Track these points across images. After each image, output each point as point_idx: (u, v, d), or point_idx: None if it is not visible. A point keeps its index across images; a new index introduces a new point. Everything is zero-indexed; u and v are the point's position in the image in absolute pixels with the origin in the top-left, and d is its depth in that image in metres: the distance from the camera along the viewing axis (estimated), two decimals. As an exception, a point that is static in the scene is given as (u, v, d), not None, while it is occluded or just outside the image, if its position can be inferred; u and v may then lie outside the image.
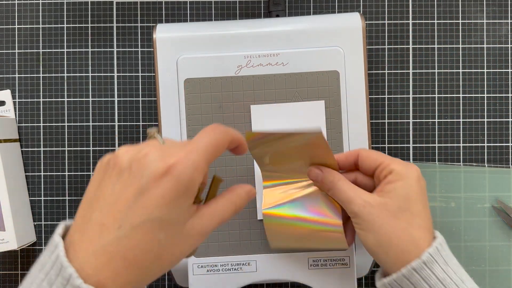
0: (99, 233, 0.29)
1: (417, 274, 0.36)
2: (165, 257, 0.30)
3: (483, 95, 0.53)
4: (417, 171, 0.40)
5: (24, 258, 0.54)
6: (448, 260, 0.37)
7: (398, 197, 0.38)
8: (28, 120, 0.54)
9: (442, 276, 0.36)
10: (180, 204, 0.30)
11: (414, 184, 0.39)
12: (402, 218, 0.38)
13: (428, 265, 0.36)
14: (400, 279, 0.37)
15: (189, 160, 0.30)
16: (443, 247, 0.38)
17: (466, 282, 0.37)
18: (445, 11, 0.53)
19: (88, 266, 0.29)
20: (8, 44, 0.54)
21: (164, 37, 0.47)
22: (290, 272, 0.47)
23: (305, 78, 0.47)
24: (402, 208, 0.38)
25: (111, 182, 0.31)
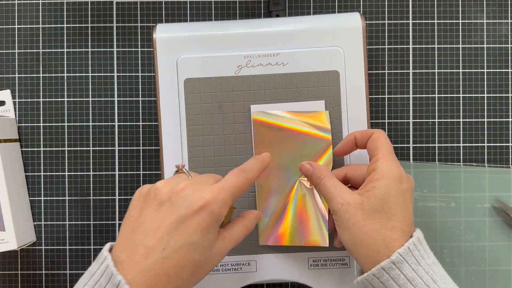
0: (146, 254, 0.35)
1: (386, 274, 0.37)
2: (197, 273, 0.37)
3: (483, 95, 0.53)
4: (400, 171, 0.40)
5: (24, 258, 0.54)
6: (421, 260, 0.37)
7: (375, 197, 0.39)
8: (28, 120, 0.54)
9: (411, 276, 0.37)
10: (211, 231, 0.37)
11: (393, 184, 0.39)
12: (375, 219, 0.39)
13: (397, 265, 0.37)
14: (371, 278, 0.38)
15: (220, 198, 0.37)
16: (417, 247, 0.38)
17: (439, 282, 0.37)
18: (445, 11, 0.53)
19: (136, 282, 0.34)
20: (8, 44, 0.54)
21: (164, 37, 0.47)
22: (290, 272, 0.47)
23: (305, 78, 0.47)
24: (376, 209, 0.39)
25: (152, 211, 0.37)
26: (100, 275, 0.35)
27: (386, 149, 0.41)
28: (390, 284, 0.37)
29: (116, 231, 0.54)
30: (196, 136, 0.47)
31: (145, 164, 0.54)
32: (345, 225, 0.40)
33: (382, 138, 0.42)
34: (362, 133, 0.43)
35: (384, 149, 0.41)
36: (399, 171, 0.40)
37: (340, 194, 0.40)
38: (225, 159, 0.46)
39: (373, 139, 0.42)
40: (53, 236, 0.54)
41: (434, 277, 0.37)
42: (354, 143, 0.44)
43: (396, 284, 0.37)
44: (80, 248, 0.54)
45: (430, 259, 0.38)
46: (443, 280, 0.37)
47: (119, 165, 0.54)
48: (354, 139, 0.44)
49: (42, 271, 0.54)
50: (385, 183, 0.39)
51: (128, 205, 0.54)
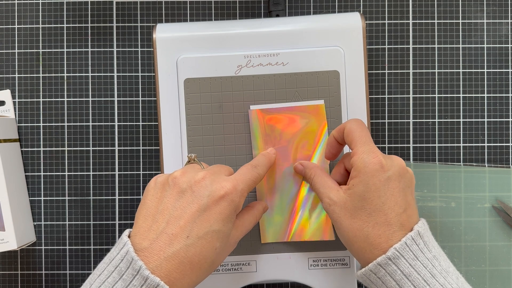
0: (169, 242, 0.35)
1: (382, 269, 0.37)
2: (216, 262, 0.38)
3: (483, 95, 0.53)
4: (376, 162, 0.38)
5: (24, 258, 0.54)
6: (419, 255, 0.37)
7: (354, 195, 0.39)
8: (28, 120, 0.54)
9: (408, 271, 0.36)
10: (230, 220, 0.38)
11: (370, 179, 0.38)
12: (357, 217, 0.38)
13: (394, 261, 0.36)
14: (368, 273, 0.38)
15: (239, 188, 0.38)
16: (415, 241, 0.37)
17: (438, 277, 0.36)
18: (445, 11, 0.53)
19: (160, 269, 0.35)
20: (8, 44, 0.54)
21: (164, 37, 0.47)
22: (290, 272, 0.47)
23: (305, 78, 0.47)
24: (357, 207, 0.38)
25: (172, 199, 0.37)
26: (120, 260, 0.35)
27: (360, 141, 0.40)
28: (387, 280, 0.37)
29: (116, 231, 0.54)
30: (196, 136, 0.47)
31: (145, 164, 0.54)
32: (335, 225, 0.40)
33: (354, 129, 0.40)
34: (337, 130, 0.43)
35: (358, 140, 0.40)
36: (376, 161, 0.38)
37: (328, 193, 0.41)
38: (225, 159, 0.46)
39: (346, 133, 0.41)
40: (53, 236, 0.54)
41: (433, 271, 0.36)
42: (337, 143, 0.43)
43: (392, 279, 0.37)
44: (80, 248, 0.54)
45: (431, 253, 0.37)
46: (443, 274, 0.37)
47: (119, 165, 0.54)
48: (333, 139, 0.43)
49: (42, 271, 0.54)
50: (361, 180, 0.38)
51: (127, 205, 0.54)
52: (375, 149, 0.39)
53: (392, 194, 0.38)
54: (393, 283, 0.37)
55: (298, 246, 0.46)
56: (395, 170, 0.39)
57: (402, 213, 0.38)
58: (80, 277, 0.54)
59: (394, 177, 0.38)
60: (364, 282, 0.39)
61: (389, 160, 0.39)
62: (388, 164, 0.38)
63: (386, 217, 0.38)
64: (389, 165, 0.38)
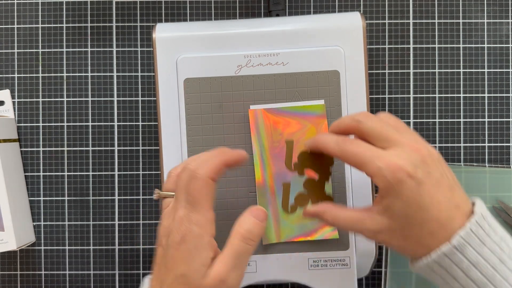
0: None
1: (447, 259, 0.34)
2: None
3: (483, 95, 0.53)
4: (401, 173, 0.34)
5: (24, 258, 0.54)
6: (486, 240, 0.34)
7: (395, 216, 0.35)
8: (27, 120, 0.54)
9: (475, 259, 0.34)
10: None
11: (403, 195, 0.34)
12: (410, 235, 0.36)
13: (460, 249, 0.34)
14: (431, 263, 0.35)
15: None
16: (480, 225, 0.34)
17: (508, 262, 0.34)
18: (445, 11, 0.53)
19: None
20: (8, 44, 0.54)
21: (163, 36, 0.47)
22: (290, 272, 0.46)
23: (305, 78, 0.46)
24: (404, 226, 0.35)
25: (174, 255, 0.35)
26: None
27: (368, 156, 0.35)
28: (452, 269, 0.34)
29: (116, 231, 0.54)
30: (196, 136, 0.47)
31: (145, 164, 0.54)
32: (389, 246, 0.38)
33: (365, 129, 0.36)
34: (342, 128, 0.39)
35: (367, 157, 0.35)
36: (399, 173, 0.34)
37: (365, 227, 0.36)
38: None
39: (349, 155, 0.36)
40: (52, 236, 0.54)
41: (502, 256, 0.34)
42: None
43: (459, 268, 0.34)
44: (80, 249, 0.54)
45: (498, 235, 0.35)
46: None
47: (119, 165, 0.54)
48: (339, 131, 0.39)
49: (42, 271, 0.54)
50: (394, 198, 0.35)
51: (127, 205, 0.54)
52: (389, 156, 0.35)
53: (431, 196, 0.35)
54: (460, 272, 0.34)
55: (298, 246, 0.46)
56: (421, 168, 0.35)
57: (450, 204, 0.35)
58: (80, 277, 0.54)
59: (424, 177, 0.35)
60: (424, 273, 0.37)
61: (409, 158, 0.35)
62: (412, 166, 0.34)
63: (438, 222, 0.35)
64: (413, 166, 0.34)
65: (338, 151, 0.37)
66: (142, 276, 0.54)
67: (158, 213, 0.54)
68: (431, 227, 0.35)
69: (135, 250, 0.54)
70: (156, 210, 0.53)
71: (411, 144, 0.35)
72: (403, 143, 0.35)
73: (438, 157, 0.36)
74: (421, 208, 0.34)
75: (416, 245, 0.36)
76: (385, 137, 0.36)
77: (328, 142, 0.38)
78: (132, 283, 0.54)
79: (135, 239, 0.54)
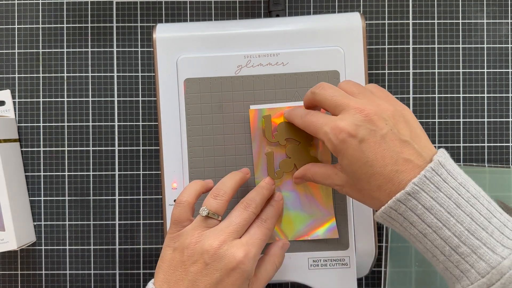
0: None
1: (403, 205, 0.36)
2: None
3: (483, 95, 0.53)
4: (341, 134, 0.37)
5: (24, 258, 0.54)
6: (442, 185, 0.35)
7: (347, 172, 0.38)
8: (28, 120, 0.54)
9: (429, 204, 0.35)
10: (244, 286, 0.39)
11: (346, 153, 0.37)
12: (362, 189, 0.38)
13: (413, 195, 0.35)
14: (388, 210, 0.37)
15: (251, 256, 0.39)
16: (437, 172, 0.35)
17: (464, 206, 0.35)
18: (445, 11, 0.53)
19: None
20: (8, 44, 0.54)
21: (164, 37, 0.47)
22: (290, 272, 0.47)
23: (305, 78, 0.47)
24: (356, 181, 0.38)
25: (186, 268, 0.39)
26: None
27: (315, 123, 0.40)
28: (408, 215, 0.36)
29: (116, 231, 0.54)
30: (196, 136, 0.47)
31: (145, 164, 0.54)
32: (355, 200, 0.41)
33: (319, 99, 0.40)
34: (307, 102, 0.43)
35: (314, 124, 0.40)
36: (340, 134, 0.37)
37: (333, 181, 0.40)
38: (225, 159, 0.46)
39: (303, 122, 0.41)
40: (53, 236, 0.54)
41: (459, 201, 0.35)
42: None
43: (414, 214, 0.35)
44: (80, 248, 0.54)
45: (457, 180, 0.36)
46: (472, 201, 0.35)
47: (119, 165, 0.54)
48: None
49: (42, 271, 0.54)
50: (342, 158, 0.38)
51: (127, 205, 0.54)
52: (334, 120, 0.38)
53: (374, 152, 0.36)
54: (415, 217, 0.36)
55: (298, 246, 0.46)
56: (363, 126, 0.37)
57: (398, 158, 0.36)
58: (80, 277, 0.54)
59: (365, 135, 0.37)
60: (384, 221, 0.38)
61: (351, 119, 0.37)
62: (353, 126, 0.37)
63: (383, 176, 0.36)
64: (355, 126, 0.37)
65: (301, 122, 0.41)
66: (142, 276, 0.54)
67: (158, 213, 0.54)
68: (377, 181, 0.36)
69: (135, 250, 0.54)
70: (156, 210, 0.54)
71: (356, 105, 0.37)
72: (350, 106, 0.38)
73: (392, 113, 0.38)
74: (365, 164, 0.36)
75: (369, 198, 0.38)
76: (335, 103, 0.39)
77: (295, 116, 0.43)
78: (132, 282, 0.54)
79: (135, 239, 0.54)
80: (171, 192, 0.47)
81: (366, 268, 0.48)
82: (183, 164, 0.47)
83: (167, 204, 0.47)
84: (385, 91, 0.41)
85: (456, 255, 0.35)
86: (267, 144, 0.46)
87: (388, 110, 0.38)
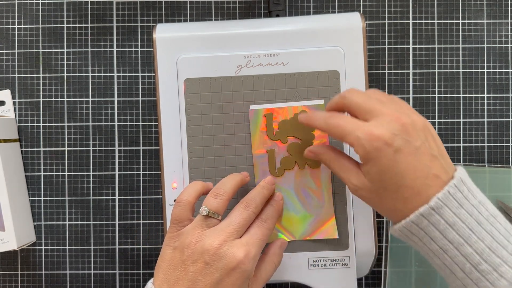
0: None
1: (425, 220, 0.35)
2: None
3: (483, 95, 0.53)
4: (378, 142, 0.35)
5: (24, 258, 0.54)
6: (464, 202, 0.35)
7: (373, 180, 0.37)
8: (28, 120, 0.54)
9: (452, 220, 0.35)
10: (243, 286, 0.39)
11: (379, 162, 0.36)
12: (386, 198, 0.37)
13: (437, 210, 0.35)
14: (409, 225, 0.36)
15: (251, 256, 0.39)
16: (459, 188, 0.35)
17: (484, 224, 0.35)
18: (445, 11, 0.53)
19: None
20: (8, 44, 0.54)
21: (164, 37, 0.47)
22: (290, 272, 0.47)
23: (305, 78, 0.47)
24: (381, 189, 0.37)
25: (186, 268, 0.39)
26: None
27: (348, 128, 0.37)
28: (430, 230, 0.36)
29: (116, 231, 0.54)
30: (196, 136, 0.47)
31: (145, 164, 0.54)
32: (367, 203, 0.40)
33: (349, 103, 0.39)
34: (333, 106, 0.41)
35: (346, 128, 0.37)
36: (376, 142, 0.36)
37: (349, 178, 0.39)
38: (225, 159, 0.46)
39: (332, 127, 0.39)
40: (53, 236, 0.54)
41: (479, 218, 0.35)
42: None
43: (436, 229, 0.35)
44: (80, 248, 0.54)
45: (477, 199, 0.36)
46: (491, 220, 0.35)
47: (119, 165, 0.54)
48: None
49: (42, 271, 0.54)
50: (372, 165, 0.36)
51: (127, 205, 0.54)
52: (368, 126, 0.36)
53: (407, 164, 0.36)
54: (437, 233, 0.35)
55: (298, 246, 0.46)
56: (400, 136, 0.36)
57: (428, 172, 0.36)
58: (80, 277, 0.54)
59: (401, 145, 0.36)
60: (402, 236, 0.38)
61: (387, 126, 0.36)
62: (389, 135, 0.36)
63: (412, 189, 0.36)
64: (391, 135, 0.36)
65: (324, 125, 0.39)
66: (142, 276, 0.54)
67: (158, 213, 0.54)
68: (405, 193, 0.36)
69: (135, 250, 0.54)
70: (156, 210, 0.54)
71: (391, 113, 0.37)
72: (384, 113, 0.37)
73: (423, 126, 0.37)
74: (396, 175, 0.36)
75: (389, 209, 0.38)
76: (367, 109, 0.38)
77: (317, 119, 0.40)
78: (132, 282, 0.54)
79: (135, 239, 0.54)
80: (171, 192, 0.47)
81: (366, 268, 0.48)
82: (183, 164, 0.47)
83: (167, 204, 0.47)
84: (407, 104, 0.40)
85: (476, 273, 0.35)
86: (269, 142, 0.46)
87: (419, 122, 0.37)
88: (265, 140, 0.46)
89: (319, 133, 0.46)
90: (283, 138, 0.46)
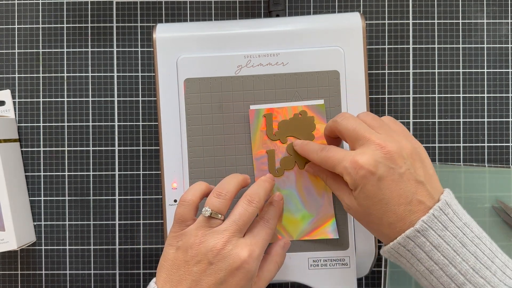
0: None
1: (412, 242, 0.37)
2: None
3: (483, 95, 0.53)
4: (362, 171, 0.37)
5: (24, 258, 0.54)
6: (449, 225, 0.37)
7: (361, 205, 0.39)
8: (28, 120, 0.54)
9: (437, 242, 0.36)
10: (247, 286, 0.39)
11: (364, 189, 0.38)
12: (372, 222, 0.39)
13: (422, 233, 0.37)
14: (397, 246, 0.38)
15: (255, 256, 0.39)
16: (444, 211, 0.37)
17: (468, 245, 0.36)
18: (445, 11, 0.53)
19: None
20: (8, 44, 0.54)
21: (164, 37, 0.47)
22: (290, 272, 0.47)
23: (305, 78, 0.47)
24: (367, 214, 0.39)
25: (190, 268, 0.39)
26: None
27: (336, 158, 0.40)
28: (416, 251, 0.37)
29: (116, 231, 0.54)
30: (196, 136, 0.47)
31: (145, 164, 0.54)
32: (359, 221, 0.41)
33: (340, 129, 0.40)
34: (328, 131, 0.43)
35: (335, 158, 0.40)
36: (361, 171, 0.37)
37: (342, 197, 0.41)
38: (225, 159, 0.46)
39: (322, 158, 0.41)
40: (53, 236, 0.54)
41: (464, 240, 0.36)
42: (334, 140, 0.44)
43: (422, 251, 0.37)
44: (80, 248, 0.54)
45: (462, 221, 0.37)
46: (475, 241, 0.37)
47: (119, 165, 0.54)
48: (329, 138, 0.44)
49: (42, 271, 0.54)
50: (359, 192, 0.38)
51: (127, 205, 0.54)
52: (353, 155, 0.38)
53: (391, 191, 0.37)
54: (423, 254, 0.37)
55: (298, 246, 0.46)
56: (383, 163, 0.37)
57: (412, 198, 0.37)
58: (80, 277, 0.54)
59: (384, 172, 0.37)
60: (390, 256, 0.39)
61: (372, 155, 0.37)
62: (373, 163, 0.37)
63: (396, 215, 0.37)
64: (375, 163, 0.37)
65: (317, 158, 0.42)
66: (142, 276, 0.54)
67: (158, 213, 0.54)
68: (390, 218, 0.38)
69: (135, 250, 0.54)
70: (156, 210, 0.54)
71: (377, 141, 0.38)
72: (371, 141, 0.38)
73: (410, 152, 0.38)
74: (381, 201, 0.38)
75: (377, 232, 0.39)
76: (356, 136, 0.39)
77: (310, 151, 0.43)
78: (132, 282, 0.54)
79: (135, 239, 0.54)
80: (171, 192, 0.47)
81: (366, 268, 0.48)
82: (183, 164, 0.47)
83: (167, 204, 0.47)
84: (402, 126, 0.41)
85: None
86: (269, 142, 0.46)
87: (407, 148, 0.38)
88: (265, 140, 0.46)
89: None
90: (282, 138, 0.46)
